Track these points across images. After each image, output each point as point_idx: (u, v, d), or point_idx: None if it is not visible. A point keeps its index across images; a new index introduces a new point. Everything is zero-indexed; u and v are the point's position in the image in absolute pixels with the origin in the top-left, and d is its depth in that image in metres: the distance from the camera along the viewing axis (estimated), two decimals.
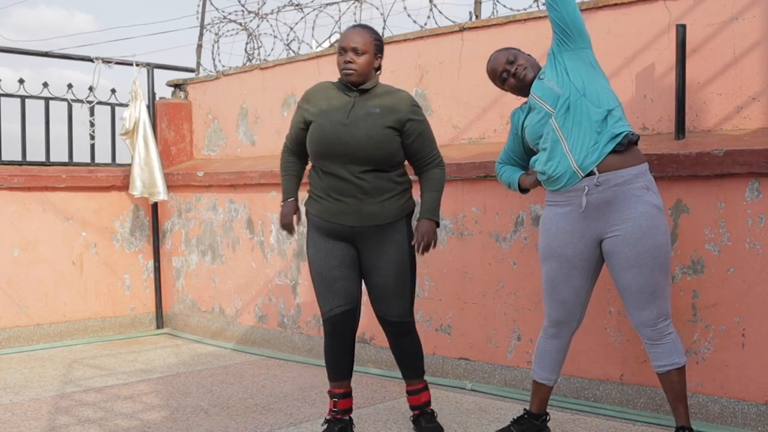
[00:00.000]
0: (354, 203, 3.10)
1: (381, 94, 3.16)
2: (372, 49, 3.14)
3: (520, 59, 3.14)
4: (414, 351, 3.29)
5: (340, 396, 3.22)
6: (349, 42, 3.09)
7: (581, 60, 2.98)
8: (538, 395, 3.15)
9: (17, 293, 5.34)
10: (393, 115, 3.10)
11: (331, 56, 5.05)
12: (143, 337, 5.78)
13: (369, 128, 3.06)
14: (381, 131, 3.07)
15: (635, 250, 2.83)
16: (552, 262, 3.01)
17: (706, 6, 3.43)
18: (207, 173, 5.57)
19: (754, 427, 3.18)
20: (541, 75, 3.07)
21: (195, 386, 4.19)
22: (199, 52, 6.39)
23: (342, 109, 3.12)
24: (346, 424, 3.22)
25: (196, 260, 5.76)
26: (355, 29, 3.15)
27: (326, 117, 3.11)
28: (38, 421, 3.54)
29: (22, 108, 5.45)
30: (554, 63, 3.03)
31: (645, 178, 2.87)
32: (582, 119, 2.87)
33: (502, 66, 3.15)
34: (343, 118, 3.09)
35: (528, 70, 3.12)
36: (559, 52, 3.04)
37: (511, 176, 3.25)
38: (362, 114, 3.09)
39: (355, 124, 3.07)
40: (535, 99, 3.02)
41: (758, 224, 3.15)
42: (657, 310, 2.88)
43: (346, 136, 3.06)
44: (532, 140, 3.08)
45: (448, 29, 4.40)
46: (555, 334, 3.09)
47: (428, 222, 3.16)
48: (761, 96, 3.31)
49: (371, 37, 3.14)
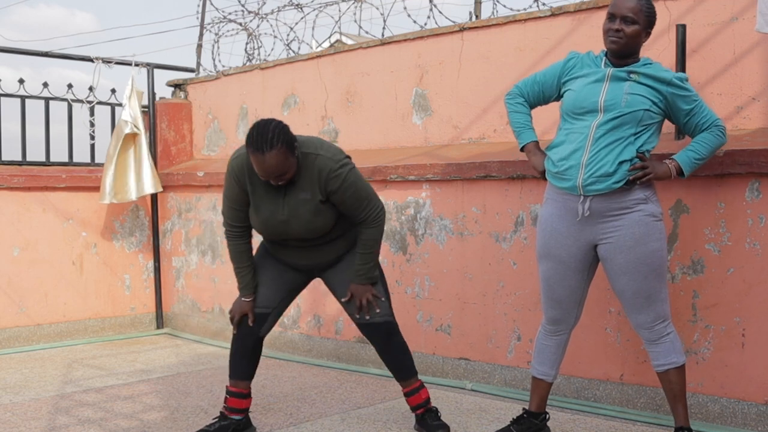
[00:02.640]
0: (304, 255, 3.22)
1: (303, 170, 3.01)
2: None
3: (633, 29, 2.82)
4: (404, 349, 3.29)
5: (233, 393, 3.26)
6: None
7: (671, 111, 2.88)
8: (537, 392, 3.16)
9: (17, 293, 5.34)
10: (319, 192, 3.02)
11: (331, 56, 5.05)
12: (143, 337, 5.78)
13: (306, 217, 3.05)
14: (317, 214, 3.05)
15: (628, 257, 2.84)
16: (547, 262, 3.02)
17: (706, 6, 3.43)
18: (207, 173, 5.57)
19: (754, 427, 3.18)
20: (633, 74, 2.84)
21: (195, 386, 4.19)
22: (199, 52, 6.39)
23: (275, 203, 3.05)
24: (233, 423, 3.23)
25: (196, 260, 5.76)
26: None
27: (263, 211, 3.08)
28: (38, 421, 3.54)
29: (22, 108, 5.45)
30: (656, 86, 2.83)
31: (645, 192, 2.86)
32: (616, 142, 2.80)
33: (620, 13, 2.83)
34: (280, 215, 3.06)
35: (621, 46, 2.83)
36: (671, 90, 2.82)
37: (522, 131, 3.10)
38: (294, 204, 3.04)
39: (294, 218, 3.06)
40: (607, 79, 2.84)
41: (758, 224, 3.15)
42: (653, 313, 2.89)
43: (288, 228, 3.09)
44: (569, 109, 2.91)
45: (448, 29, 4.40)
46: (553, 331, 3.10)
47: (360, 286, 3.18)
48: (761, 96, 3.31)
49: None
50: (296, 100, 5.28)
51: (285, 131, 2.90)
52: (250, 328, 3.23)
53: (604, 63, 2.92)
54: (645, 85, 2.82)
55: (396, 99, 4.67)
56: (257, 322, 3.24)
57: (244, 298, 3.23)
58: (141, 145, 5.68)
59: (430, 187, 4.26)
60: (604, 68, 2.90)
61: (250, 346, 3.25)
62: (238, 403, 3.25)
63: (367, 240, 3.14)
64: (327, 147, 3.06)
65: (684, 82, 2.84)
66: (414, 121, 4.58)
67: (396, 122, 4.68)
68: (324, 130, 5.09)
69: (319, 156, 3.00)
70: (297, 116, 5.27)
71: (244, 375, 3.26)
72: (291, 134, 2.93)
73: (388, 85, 4.71)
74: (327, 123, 5.08)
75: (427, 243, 4.30)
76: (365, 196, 3.08)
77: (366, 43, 4.85)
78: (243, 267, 3.22)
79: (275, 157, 2.84)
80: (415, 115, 4.58)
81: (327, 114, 5.08)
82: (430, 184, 4.26)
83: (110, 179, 5.56)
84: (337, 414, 3.61)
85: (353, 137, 4.92)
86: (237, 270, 3.23)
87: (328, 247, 3.22)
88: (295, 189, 3.02)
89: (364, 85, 4.84)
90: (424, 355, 4.30)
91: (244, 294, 3.23)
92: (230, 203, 3.15)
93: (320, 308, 4.86)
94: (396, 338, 3.27)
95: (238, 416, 3.25)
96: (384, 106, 4.74)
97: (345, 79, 4.96)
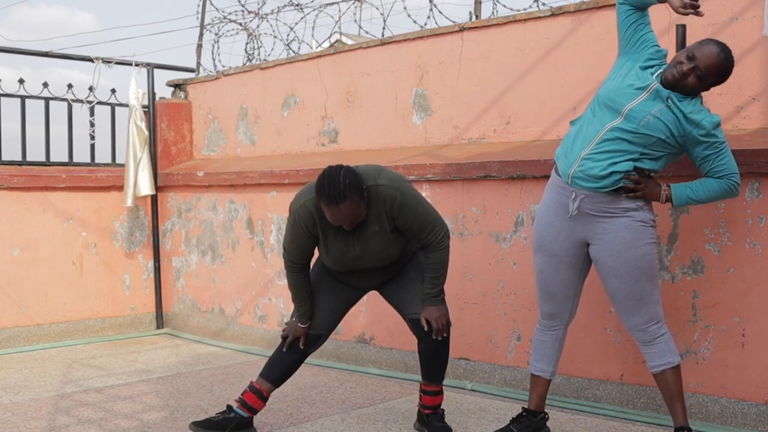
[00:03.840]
0: (368, 276, 3.25)
1: (369, 204, 3.00)
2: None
3: (702, 83, 2.79)
4: (446, 354, 3.28)
5: (255, 390, 3.28)
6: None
7: (687, 150, 2.87)
8: (535, 390, 3.16)
9: (17, 293, 5.34)
10: (387, 222, 3.03)
11: (331, 56, 5.05)
12: (143, 337, 5.78)
13: (378, 249, 3.07)
14: (389, 245, 3.08)
15: (617, 261, 2.85)
16: (541, 255, 3.05)
17: (706, 6, 3.42)
18: (207, 173, 5.57)
19: (754, 427, 3.18)
20: (670, 99, 2.79)
21: (195, 386, 4.19)
22: (199, 52, 6.39)
23: (345, 241, 3.07)
24: (236, 418, 3.24)
25: (196, 260, 5.76)
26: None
27: (334, 251, 3.10)
28: (38, 421, 3.54)
29: (22, 108, 5.45)
30: (684, 123, 2.80)
31: (637, 202, 2.86)
32: (619, 153, 2.80)
33: (698, 63, 2.77)
34: (351, 253, 3.09)
35: (684, 86, 2.78)
36: (696, 133, 2.79)
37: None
38: (364, 239, 3.05)
39: (366, 253, 3.08)
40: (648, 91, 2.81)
41: (758, 224, 3.15)
42: (646, 315, 2.90)
43: (360, 262, 3.13)
44: (605, 95, 2.86)
45: (448, 29, 4.40)
46: (549, 326, 3.11)
47: (435, 308, 3.16)
48: (761, 96, 3.31)
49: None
50: (296, 100, 5.28)
51: (355, 179, 2.88)
52: (299, 348, 3.29)
53: (657, 75, 2.85)
54: (675, 115, 2.78)
55: (396, 99, 4.67)
56: (309, 343, 3.29)
57: (300, 324, 3.27)
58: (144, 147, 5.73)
59: (430, 187, 4.26)
60: (653, 78, 2.83)
61: (294, 360, 3.31)
62: (254, 401, 3.28)
63: (435, 263, 3.13)
64: (385, 174, 3.04)
65: (715, 128, 2.79)
66: (414, 121, 4.58)
67: (396, 122, 4.68)
68: (324, 130, 5.10)
69: (380, 186, 2.98)
70: (297, 116, 5.27)
71: (275, 380, 3.31)
72: (360, 180, 2.91)
73: (388, 85, 4.71)
74: (327, 123, 5.08)
75: None
76: (429, 220, 3.07)
77: (366, 43, 4.85)
78: (302, 298, 3.25)
79: (349, 207, 2.85)
80: (415, 115, 4.58)
81: (327, 114, 5.08)
82: (430, 184, 4.26)
83: (132, 180, 5.64)
84: (337, 414, 3.61)
85: (353, 137, 4.92)
86: (296, 300, 3.26)
87: (392, 267, 3.25)
88: (364, 224, 3.03)
89: (364, 85, 4.84)
90: None
91: (300, 321, 3.27)
92: (296, 245, 3.14)
93: None
94: (448, 342, 3.26)
95: (245, 413, 3.26)
96: (384, 106, 4.74)
97: (345, 79, 4.95)
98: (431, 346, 3.20)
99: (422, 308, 3.16)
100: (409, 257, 3.27)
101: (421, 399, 3.32)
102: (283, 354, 3.30)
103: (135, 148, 5.67)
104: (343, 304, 3.35)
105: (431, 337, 3.15)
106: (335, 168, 2.91)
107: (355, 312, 4.06)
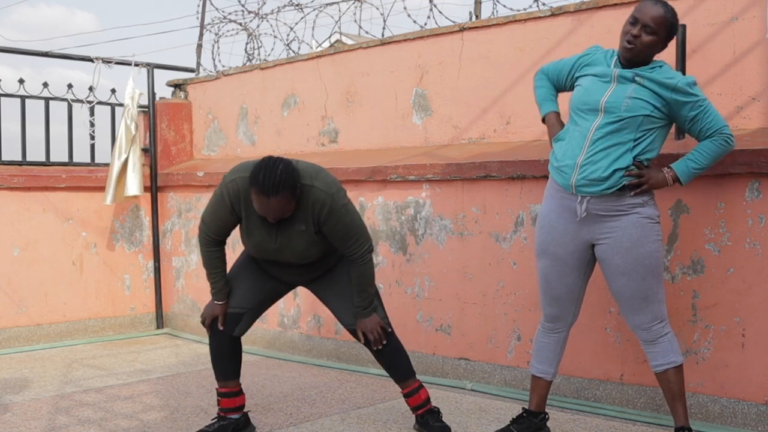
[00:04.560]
0: (292, 271, 3.23)
1: (299, 201, 2.97)
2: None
3: (650, 39, 2.80)
4: (400, 351, 3.29)
5: (223, 395, 3.25)
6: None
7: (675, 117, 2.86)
8: (536, 391, 3.16)
9: (17, 293, 5.34)
10: (312, 223, 3.01)
11: (331, 56, 5.05)
12: (143, 337, 5.78)
13: (300, 247, 3.05)
14: (312, 245, 3.06)
15: (625, 259, 2.85)
16: (545, 259, 3.03)
17: (706, 6, 3.43)
18: (207, 173, 5.57)
19: (754, 427, 3.18)
20: (638, 77, 2.81)
21: (195, 386, 4.19)
22: (199, 52, 6.39)
23: (268, 231, 3.05)
24: (232, 422, 3.23)
25: (197, 260, 5.76)
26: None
27: (255, 236, 3.08)
28: (38, 421, 3.54)
29: (22, 108, 5.45)
30: (660, 91, 2.80)
31: (642, 197, 2.86)
32: (613, 147, 2.81)
33: (643, 20, 2.80)
34: (272, 243, 3.06)
35: (634, 53, 2.81)
36: (676, 97, 2.79)
37: (544, 102, 3.13)
38: (287, 234, 3.03)
39: (286, 247, 3.06)
40: (614, 80, 2.84)
41: (758, 224, 3.15)
42: (651, 314, 2.89)
43: (280, 255, 3.10)
44: (574, 105, 2.92)
45: (448, 29, 4.40)
46: (552, 328, 3.11)
47: (365, 320, 3.16)
48: (761, 96, 3.31)
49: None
50: (296, 100, 5.28)
51: (292, 176, 2.85)
52: (222, 330, 3.22)
53: (615, 63, 2.90)
54: (649, 89, 2.80)
55: (396, 99, 4.67)
56: (231, 322, 3.21)
57: (217, 301, 3.22)
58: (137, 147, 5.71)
59: (430, 187, 4.26)
60: (613, 68, 2.88)
61: (227, 346, 3.24)
62: (231, 402, 3.25)
63: (358, 278, 3.11)
64: (322, 177, 3.00)
65: (692, 87, 2.80)
66: (414, 121, 4.58)
67: (396, 122, 4.68)
68: (324, 130, 5.10)
69: (314, 188, 2.96)
70: (297, 116, 5.27)
71: (229, 374, 3.25)
72: (296, 178, 2.88)
73: (388, 85, 4.71)
74: (327, 123, 5.08)
75: (427, 243, 4.30)
76: (354, 232, 3.04)
77: (366, 43, 4.85)
78: (216, 273, 3.20)
79: (279, 201, 2.84)
80: (415, 115, 4.58)
81: (327, 114, 5.08)
82: (430, 184, 4.26)
83: (114, 179, 5.59)
84: (337, 414, 3.61)
85: (353, 137, 4.92)
86: (210, 276, 3.22)
87: (317, 265, 3.23)
88: (290, 220, 3.01)
89: (364, 85, 4.84)
90: (424, 355, 4.30)
91: (216, 298, 3.23)
92: (216, 219, 3.12)
93: (320, 308, 4.86)
94: (395, 338, 3.27)
95: (235, 415, 3.25)
96: (384, 106, 4.74)
97: (345, 79, 4.96)
98: (381, 354, 3.24)
99: (356, 321, 3.18)
100: (336, 259, 3.25)
101: (408, 403, 3.31)
102: (217, 349, 3.23)
103: (120, 148, 5.63)
104: (268, 291, 3.29)
105: (373, 346, 3.19)
106: (275, 160, 2.88)
107: None
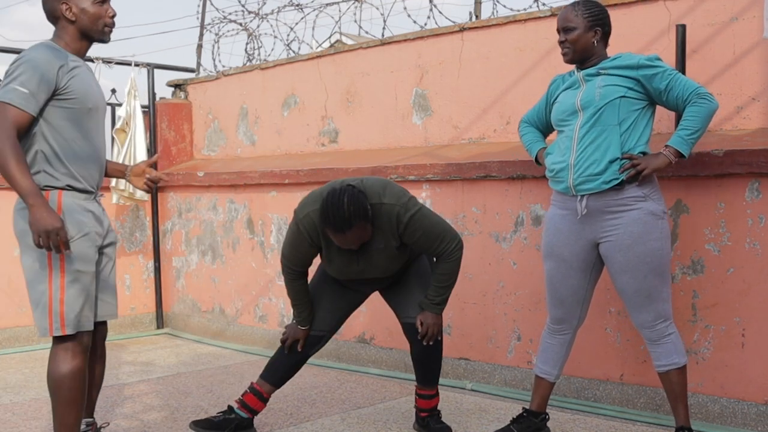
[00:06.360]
0: (371, 282, 3.25)
1: (375, 222, 2.97)
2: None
3: (573, 35, 2.92)
4: (440, 358, 3.27)
5: (255, 392, 3.28)
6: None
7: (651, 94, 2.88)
8: (538, 392, 3.16)
9: (17, 293, 5.34)
10: (392, 239, 3.01)
11: (331, 56, 5.05)
12: (143, 337, 5.78)
13: (383, 264, 3.08)
14: (393, 259, 3.08)
15: (627, 256, 2.85)
16: (551, 261, 3.04)
17: (706, 6, 3.43)
18: (207, 173, 5.57)
19: (754, 427, 3.18)
20: (602, 70, 2.91)
21: (195, 386, 4.19)
22: (199, 52, 6.39)
23: (349, 256, 3.06)
24: (236, 419, 3.24)
25: (197, 260, 5.76)
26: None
27: (337, 263, 3.09)
28: (38, 421, 3.54)
29: None
30: (627, 73, 2.87)
31: (644, 189, 2.86)
32: (601, 138, 2.84)
33: (560, 26, 2.97)
34: (355, 266, 3.09)
35: (571, 54, 2.95)
36: (642, 73, 2.84)
37: (532, 145, 3.22)
38: (368, 255, 3.05)
39: (369, 267, 3.09)
40: (582, 82, 2.95)
41: (758, 224, 3.15)
42: (654, 312, 2.89)
43: (364, 275, 3.13)
44: (555, 118, 3.03)
45: (448, 29, 4.40)
46: (558, 330, 3.11)
47: (432, 315, 3.15)
48: (761, 96, 3.31)
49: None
50: (296, 100, 5.28)
51: (360, 204, 2.84)
52: (299, 350, 3.28)
53: (575, 70, 3.02)
54: (616, 75, 2.87)
55: (396, 99, 4.67)
56: (310, 345, 3.27)
57: (300, 326, 3.25)
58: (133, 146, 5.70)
59: (430, 187, 4.26)
60: (576, 74, 2.99)
61: (295, 362, 3.31)
62: (255, 403, 3.28)
63: (443, 273, 3.11)
64: (389, 191, 2.99)
65: (653, 60, 2.86)
66: (414, 121, 4.58)
67: (396, 122, 4.68)
68: (324, 130, 5.10)
69: (384, 204, 2.95)
70: (297, 116, 5.27)
71: (275, 382, 3.30)
72: (364, 203, 2.87)
73: (388, 85, 4.71)
74: (327, 123, 5.08)
75: None
76: (438, 233, 3.03)
77: (366, 43, 4.85)
78: (302, 303, 3.23)
79: (355, 233, 2.85)
80: (415, 115, 4.58)
81: (327, 114, 5.08)
82: (430, 184, 4.26)
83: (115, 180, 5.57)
84: (337, 414, 3.61)
85: (353, 137, 4.93)
86: (295, 305, 3.24)
87: (398, 271, 3.25)
88: (369, 241, 3.00)
89: (364, 85, 4.84)
90: None
91: (301, 324, 3.25)
92: (296, 253, 3.11)
93: None
94: (437, 348, 3.24)
95: (246, 414, 3.26)
96: (384, 106, 4.74)
97: (345, 79, 4.96)
98: (423, 351, 3.20)
99: (419, 312, 3.16)
100: (413, 261, 3.28)
101: (417, 402, 3.32)
102: (284, 356, 3.30)
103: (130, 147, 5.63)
104: (346, 305, 3.33)
105: (421, 340, 3.17)
106: (339, 192, 2.85)
107: (355, 312, 4.04)
